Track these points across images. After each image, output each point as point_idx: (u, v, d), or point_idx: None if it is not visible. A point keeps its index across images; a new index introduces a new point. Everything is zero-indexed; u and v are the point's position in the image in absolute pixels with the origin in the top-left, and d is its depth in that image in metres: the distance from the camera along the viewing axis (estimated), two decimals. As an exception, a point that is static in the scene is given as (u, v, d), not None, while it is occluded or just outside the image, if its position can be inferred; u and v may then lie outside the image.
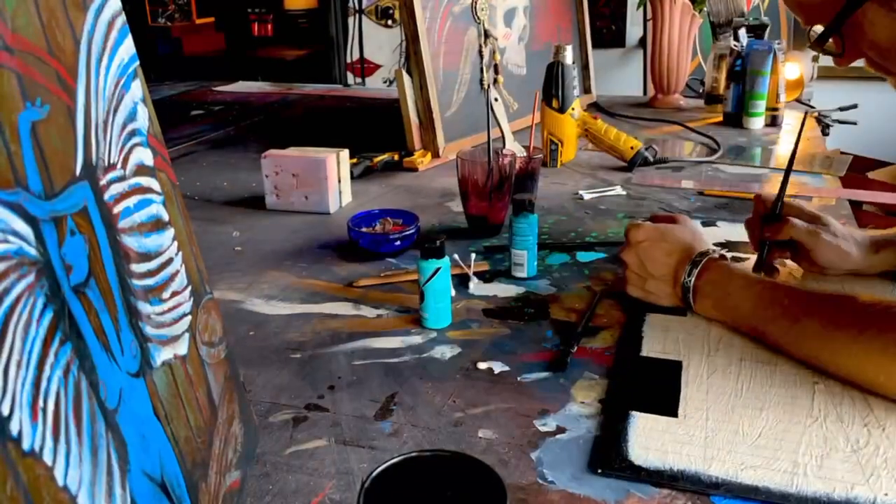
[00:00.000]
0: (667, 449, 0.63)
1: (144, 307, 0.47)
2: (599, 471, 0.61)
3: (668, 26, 1.90)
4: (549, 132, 1.47)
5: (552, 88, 1.44)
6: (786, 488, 0.58)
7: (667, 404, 0.69)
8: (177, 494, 0.47)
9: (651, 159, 1.41)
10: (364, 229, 1.07)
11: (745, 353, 0.77)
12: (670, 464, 0.61)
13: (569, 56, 1.43)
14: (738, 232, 1.09)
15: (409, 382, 0.74)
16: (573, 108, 1.44)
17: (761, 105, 1.71)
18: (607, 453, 0.62)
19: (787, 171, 0.91)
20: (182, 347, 0.51)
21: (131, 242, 0.46)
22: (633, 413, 0.67)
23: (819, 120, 1.84)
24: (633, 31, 3.39)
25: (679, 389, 0.71)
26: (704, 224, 1.13)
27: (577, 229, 1.15)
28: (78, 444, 0.37)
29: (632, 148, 1.41)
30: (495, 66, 1.63)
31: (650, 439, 0.64)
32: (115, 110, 0.47)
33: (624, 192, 1.31)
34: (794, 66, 1.98)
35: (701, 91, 2.16)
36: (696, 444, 0.63)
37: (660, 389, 0.71)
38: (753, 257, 0.95)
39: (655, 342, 0.80)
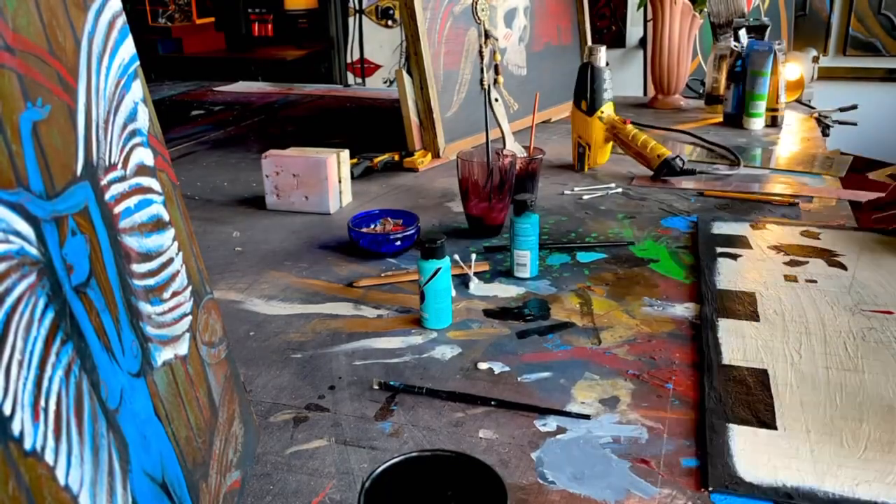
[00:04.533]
0: (775, 464, 0.61)
1: (145, 307, 0.47)
2: (710, 489, 0.59)
3: (669, 27, 1.90)
4: (578, 135, 1.45)
5: (582, 90, 1.42)
6: None
7: (764, 416, 0.67)
8: (178, 494, 0.47)
9: (678, 169, 1.36)
10: (364, 229, 1.07)
11: (828, 360, 0.76)
12: (783, 480, 0.59)
13: (602, 58, 1.40)
14: (736, 228, 1.10)
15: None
16: (602, 112, 1.42)
17: (761, 106, 1.71)
18: (716, 471, 0.60)
19: None
20: (183, 347, 0.51)
21: (132, 242, 0.46)
22: (731, 426, 0.66)
23: (819, 120, 1.84)
24: (634, 31, 3.39)
25: (772, 400, 0.69)
26: (705, 222, 1.13)
27: (578, 229, 1.15)
28: (79, 443, 0.37)
29: (658, 156, 1.37)
30: (496, 67, 1.62)
31: (756, 454, 0.62)
32: (116, 110, 0.47)
33: (624, 193, 1.32)
34: (794, 67, 1.98)
35: (701, 91, 2.17)
36: (804, 458, 0.61)
37: (753, 400, 0.69)
38: (751, 251, 0.94)
39: (736, 350, 0.78)
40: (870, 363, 0.75)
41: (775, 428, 0.66)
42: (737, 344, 0.79)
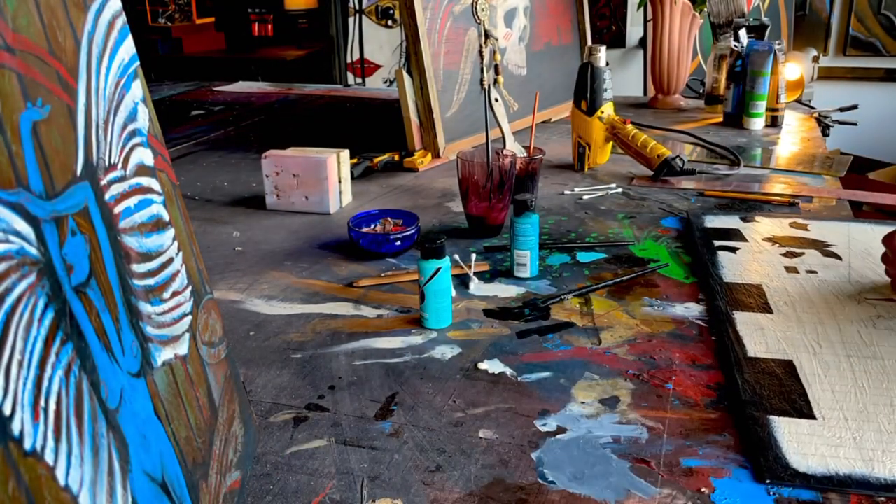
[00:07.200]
0: (822, 453, 0.61)
1: (145, 307, 0.47)
2: (768, 482, 0.59)
3: (669, 27, 1.90)
4: (578, 134, 1.46)
5: (582, 90, 1.42)
6: None
7: (801, 406, 0.67)
8: (177, 494, 0.47)
9: (678, 169, 1.36)
10: (364, 229, 1.07)
11: (849, 349, 0.77)
12: (834, 468, 0.60)
13: (602, 58, 1.40)
14: (727, 222, 1.10)
15: (409, 383, 0.74)
16: (602, 111, 1.42)
17: (761, 105, 1.71)
18: (769, 463, 0.61)
19: None
20: (182, 347, 0.51)
21: (132, 242, 0.46)
22: (772, 417, 0.66)
23: (819, 120, 1.84)
24: (634, 31, 3.39)
25: (804, 390, 0.70)
26: (696, 216, 1.13)
27: (578, 229, 1.15)
28: (79, 444, 0.37)
29: (659, 156, 1.37)
30: (496, 67, 1.63)
31: (802, 444, 0.63)
32: (116, 110, 0.47)
33: (624, 193, 1.31)
34: (794, 67, 1.98)
35: (701, 91, 2.17)
36: (848, 445, 0.62)
37: (786, 391, 0.70)
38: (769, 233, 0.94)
39: (758, 342, 0.79)
40: (887, 349, 0.77)
41: (814, 417, 0.66)
42: (757, 337, 0.80)
